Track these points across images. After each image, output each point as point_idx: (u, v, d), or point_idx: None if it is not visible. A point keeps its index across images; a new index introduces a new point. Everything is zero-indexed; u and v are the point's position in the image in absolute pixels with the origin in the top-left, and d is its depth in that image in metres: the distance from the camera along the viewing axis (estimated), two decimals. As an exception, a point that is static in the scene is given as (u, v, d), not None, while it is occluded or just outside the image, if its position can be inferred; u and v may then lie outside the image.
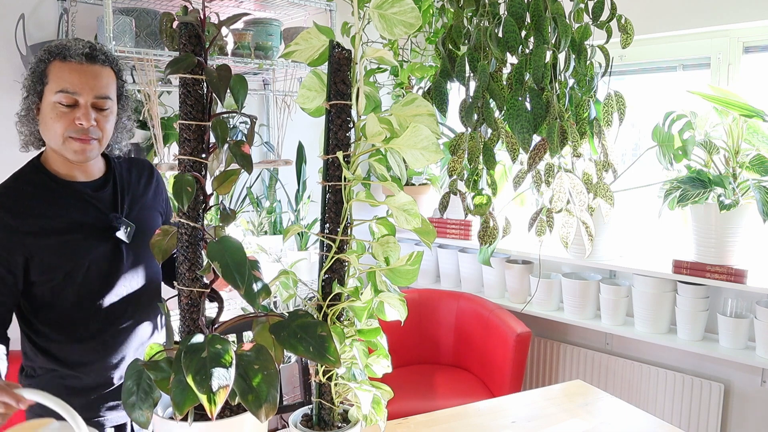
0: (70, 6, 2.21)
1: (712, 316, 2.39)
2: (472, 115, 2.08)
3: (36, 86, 1.32)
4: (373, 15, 0.99)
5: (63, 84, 1.29)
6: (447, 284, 3.20)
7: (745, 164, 2.15)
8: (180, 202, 0.94)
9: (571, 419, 1.55)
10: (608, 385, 2.70)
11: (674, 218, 2.44)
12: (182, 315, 0.98)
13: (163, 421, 0.91)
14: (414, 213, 0.97)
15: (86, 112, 1.30)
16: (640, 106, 2.70)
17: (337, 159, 0.98)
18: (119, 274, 1.41)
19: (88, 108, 1.31)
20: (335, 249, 1.00)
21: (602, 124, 2.09)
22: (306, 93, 1.04)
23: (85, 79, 1.30)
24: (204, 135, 0.99)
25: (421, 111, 1.00)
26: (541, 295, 2.78)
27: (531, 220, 2.19)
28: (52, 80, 1.30)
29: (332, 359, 0.87)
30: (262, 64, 2.40)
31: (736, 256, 2.24)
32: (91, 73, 1.31)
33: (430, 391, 2.62)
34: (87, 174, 1.41)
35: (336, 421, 1.05)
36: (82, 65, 1.30)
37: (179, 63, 0.95)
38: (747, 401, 2.39)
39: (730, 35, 2.42)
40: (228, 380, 0.81)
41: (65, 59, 1.30)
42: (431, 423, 1.53)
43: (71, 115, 1.30)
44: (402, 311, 1.04)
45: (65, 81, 1.29)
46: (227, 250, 0.90)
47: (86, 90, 1.30)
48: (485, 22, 2.04)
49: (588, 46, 2.04)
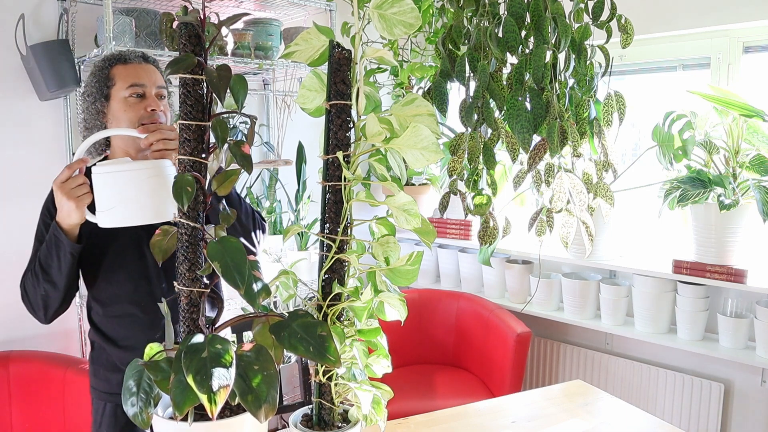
0: (70, 6, 2.22)
1: (712, 316, 2.39)
2: (472, 115, 2.08)
3: (102, 90, 1.51)
4: (372, 15, 0.99)
5: (131, 80, 1.50)
6: (447, 284, 3.20)
7: (745, 164, 2.15)
8: (180, 202, 0.94)
9: (571, 419, 1.55)
10: (608, 385, 2.70)
11: (674, 218, 2.44)
12: (182, 315, 0.98)
13: (163, 421, 0.91)
14: (414, 213, 0.97)
15: (154, 100, 1.52)
16: (640, 106, 2.70)
17: (337, 159, 0.98)
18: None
19: (154, 97, 1.53)
20: (335, 249, 1.00)
21: (602, 124, 2.08)
22: (306, 93, 1.04)
23: (147, 74, 1.52)
24: (204, 135, 0.99)
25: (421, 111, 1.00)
26: (541, 295, 2.78)
27: (531, 220, 2.19)
28: (119, 80, 1.50)
29: (332, 359, 0.87)
30: (262, 64, 2.40)
31: (736, 256, 2.24)
32: (149, 69, 1.54)
33: (430, 391, 2.62)
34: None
35: (336, 421, 1.05)
36: (141, 65, 1.53)
37: (179, 63, 0.95)
38: (747, 401, 2.39)
39: (730, 35, 2.42)
40: (228, 380, 0.81)
41: (126, 62, 1.52)
42: (431, 423, 1.53)
43: (141, 105, 1.50)
44: (402, 311, 1.04)
45: (133, 77, 1.50)
46: (227, 250, 0.90)
47: (150, 82, 1.52)
48: (485, 22, 2.04)
49: (588, 46, 2.04)
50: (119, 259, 1.51)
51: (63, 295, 1.45)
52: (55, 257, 1.40)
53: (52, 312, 1.47)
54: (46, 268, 1.42)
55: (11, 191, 2.27)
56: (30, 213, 2.28)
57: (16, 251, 2.29)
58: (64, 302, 1.47)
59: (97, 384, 1.58)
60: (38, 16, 2.27)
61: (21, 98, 2.26)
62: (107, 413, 1.55)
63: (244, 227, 1.59)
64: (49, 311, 1.47)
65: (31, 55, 2.15)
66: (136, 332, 1.52)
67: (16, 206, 2.28)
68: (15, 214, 2.28)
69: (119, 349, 1.54)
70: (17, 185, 2.28)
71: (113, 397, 1.54)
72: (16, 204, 2.28)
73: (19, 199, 2.28)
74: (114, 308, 1.53)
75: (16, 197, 2.28)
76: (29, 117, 2.29)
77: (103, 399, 1.56)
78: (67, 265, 1.40)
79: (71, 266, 1.41)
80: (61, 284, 1.42)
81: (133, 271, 1.52)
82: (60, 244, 1.38)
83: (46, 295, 1.44)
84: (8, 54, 2.21)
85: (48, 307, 1.46)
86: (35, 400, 2.11)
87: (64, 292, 1.44)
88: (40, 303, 1.46)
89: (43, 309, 1.46)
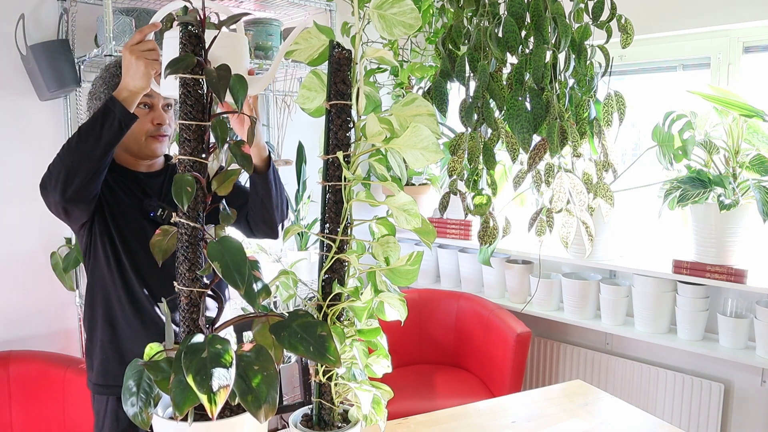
0: (70, 6, 2.21)
1: (712, 316, 2.39)
2: (472, 115, 2.08)
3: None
4: (372, 15, 0.99)
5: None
6: (447, 284, 3.20)
7: (745, 164, 2.15)
8: (180, 202, 0.94)
9: (571, 419, 1.55)
10: (608, 385, 2.70)
11: (674, 218, 2.44)
12: (182, 315, 0.98)
13: (163, 421, 0.91)
14: (414, 213, 0.97)
15: (161, 113, 1.55)
16: (640, 106, 2.70)
17: (337, 159, 0.98)
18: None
19: (161, 110, 1.55)
20: (335, 249, 1.00)
21: (602, 124, 2.09)
22: (306, 93, 1.04)
23: (157, 87, 1.50)
24: (204, 135, 0.99)
25: (421, 111, 1.00)
26: (541, 295, 2.78)
27: (531, 220, 2.19)
28: None
29: (332, 359, 0.87)
30: (262, 64, 2.40)
31: (736, 256, 2.24)
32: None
33: (430, 391, 2.62)
34: (148, 168, 1.63)
35: (336, 421, 1.05)
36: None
37: (179, 63, 0.95)
38: (747, 401, 2.39)
39: (730, 35, 2.42)
40: (228, 380, 0.81)
41: None
42: (431, 423, 1.53)
43: (148, 117, 1.53)
44: (402, 311, 1.04)
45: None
46: (227, 251, 0.90)
47: (158, 96, 1.54)
48: (485, 22, 2.04)
49: (588, 46, 2.04)
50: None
51: (92, 170, 1.35)
52: (98, 126, 1.33)
53: (72, 187, 1.35)
54: (84, 137, 1.34)
55: (11, 191, 2.27)
56: (30, 213, 2.29)
57: (16, 251, 2.29)
58: (89, 181, 1.37)
59: (98, 379, 1.56)
60: (38, 16, 2.27)
61: (21, 98, 2.26)
62: (110, 410, 1.54)
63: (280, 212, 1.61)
64: (69, 183, 1.35)
65: (31, 55, 2.15)
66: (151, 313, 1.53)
67: (16, 206, 2.28)
68: (15, 215, 2.28)
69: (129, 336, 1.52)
70: (17, 185, 2.28)
71: (116, 390, 1.53)
72: (16, 204, 2.28)
73: (19, 200, 2.28)
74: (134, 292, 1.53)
75: (16, 197, 2.28)
76: (29, 117, 2.29)
77: (104, 394, 1.55)
78: (110, 134, 1.33)
79: (114, 137, 1.34)
80: (95, 155, 1.34)
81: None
82: (109, 112, 1.33)
83: (72, 165, 1.34)
84: (8, 54, 2.21)
85: (69, 180, 1.35)
86: (35, 400, 2.11)
87: (95, 165, 1.35)
88: (62, 173, 1.35)
89: (63, 180, 1.34)
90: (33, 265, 2.31)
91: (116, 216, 1.53)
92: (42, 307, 2.33)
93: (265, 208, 1.56)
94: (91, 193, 1.42)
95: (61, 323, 2.39)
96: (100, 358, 1.56)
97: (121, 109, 1.34)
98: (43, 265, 2.29)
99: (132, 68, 1.30)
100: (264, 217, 1.58)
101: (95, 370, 1.57)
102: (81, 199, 1.40)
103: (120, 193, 1.55)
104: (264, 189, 1.55)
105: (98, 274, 1.55)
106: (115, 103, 1.34)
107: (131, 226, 1.54)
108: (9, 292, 2.26)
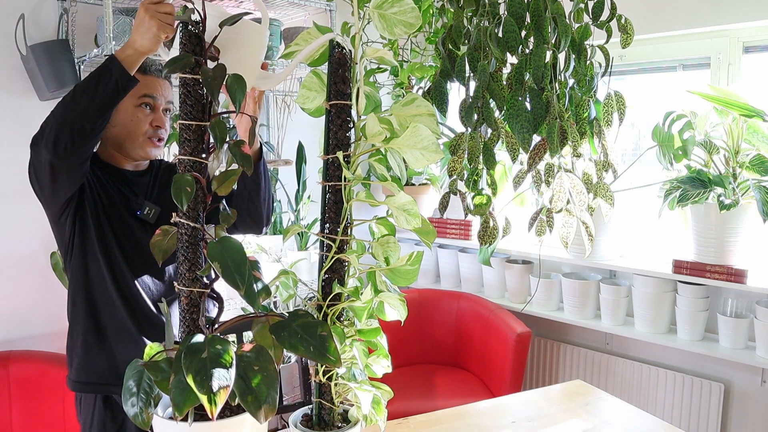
0: (70, 6, 2.21)
1: (712, 316, 2.39)
2: (472, 115, 2.08)
3: None
4: (373, 15, 0.99)
5: (146, 90, 1.52)
6: (447, 284, 3.20)
7: (745, 164, 2.15)
8: (180, 202, 0.94)
9: (571, 419, 1.55)
10: (608, 385, 2.70)
11: (674, 218, 2.44)
12: (182, 315, 0.98)
13: (163, 421, 0.91)
14: (414, 213, 0.97)
15: (161, 115, 1.57)
16: (640, 106, 2.70)
17: (337, 159, 0.98)
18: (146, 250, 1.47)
19: (161, 113, 1.57)
20: (335, 249, 1.00)
21: (602, 124, 2.08)
22: (306, 93, 1.04)
23: (161, 88, 1.57)
24: (204, 135, 0.99)
25: (421, 111, 1.00)
26: (541, 295, 2.78)
27: (531, 220, 2.18)
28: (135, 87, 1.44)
29: (333, 359, 0.87)
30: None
31: (736, 256, 2.24)
32: (164, 84, 1.59)
33: (430, 391, 2.62)
34: (135, 167, 1.63)
35: (336, 421, 1.05)
36: (158, 78, 1.57)
37: (177, 62, 0.95)
38: (747, 401, 2.39)
39: (730, 35, 2.42)
40: (228, 380, 0.81)
41: (146, 72, 1.53)
42: (431, 423, 1.53)
43: (148, 119, 1.54)
44: (402, 311, 1.04)
45: (149, 88, 1.53)
46: (227, 251, 0.90)
47: (162, 98, 1.56)
48: (485, 22, 2.04)
49: (588, 46, 2.04)
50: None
51: (85, 129, 1.29)
52: (93, 84, 1.27)
53: (62, 144, 1.29)
54: (79, 95, 1.28)
55: (11, 191, 2.27)
56: (30, 213, 2.29)
57: (16, 251, 2.29)
58: (81, 141, 1.30)
59: (79, 376, 1.52)
60: (38, 16, 2.27)
61: (21, 98, 2.25)
62: (98, 410, 1.51)
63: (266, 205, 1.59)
64: (60, 139, 1.28)
65: (31, 55, 2.15)
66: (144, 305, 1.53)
67: (16, 206, 2.28)
68: (15, 215, 2.28)
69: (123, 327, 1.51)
70: (17, 185, 2.28)
71: (99, 387, 1.51)
72: (16, 204, 2.28)
73: (19, 200, 2.28)
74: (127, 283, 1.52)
75: (16, 197, 2.28)
76: (29, 117, 2.29)
77: (86, 391, 1.52)
78: (105, 94, 1.27)
79: (109, 98, 1.28)
80: (89, 114, 1.28)
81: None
82: (106, 71, 1.27)
83: (64, 122, 1.28)
84: (8, 54, 2.21)
85: (60, 136, 1.28)
86: (35, 400, 2.11)
87: (88, 124, 1.28)
88: (53, 128, 1.29)
89: (54, 137, 1.28)
90: (33, 265, 2.31)
91: (101, 211, 1.51)
92: (42, 307, 2.33)
93: (252, 201, 1.55)
94: (82, 156, 1.35)
95: (61, 323, 2.38)
96: (81, 354, 1.52)
97: (119, 69, 1.27)
98: (43, 265, 2.29)
99: (144, 27, 1.22)
100: (250, 211, 1.56)
101: (75, 366, 1.53)
102: (71, 158, 1.32)
103: (107, 188, 1.54)
104: (253, 180, 1.53)
105: (78, 267, 1.52)
106: (114, 62, 1.27)
107: (116, 222, 1.52)
108: (9, 292, 2.26)
